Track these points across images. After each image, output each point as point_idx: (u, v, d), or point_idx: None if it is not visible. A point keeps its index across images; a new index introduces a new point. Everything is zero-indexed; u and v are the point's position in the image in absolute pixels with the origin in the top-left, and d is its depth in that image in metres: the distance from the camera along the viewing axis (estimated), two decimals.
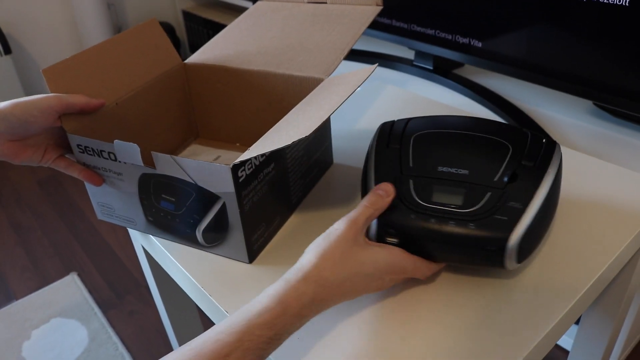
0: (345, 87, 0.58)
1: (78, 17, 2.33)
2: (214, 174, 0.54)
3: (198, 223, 0.60)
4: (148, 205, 0.63)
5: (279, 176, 0.63)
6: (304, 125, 0.52)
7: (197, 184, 0.57)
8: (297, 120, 0.55)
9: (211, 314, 0.60)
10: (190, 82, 0.81)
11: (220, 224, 0.59)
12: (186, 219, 0.61)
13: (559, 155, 0.59)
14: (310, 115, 0.54)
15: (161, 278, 0.86)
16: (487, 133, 0.61)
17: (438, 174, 0.56)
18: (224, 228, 0.59)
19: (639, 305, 1.03)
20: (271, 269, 0.60)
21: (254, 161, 0.57)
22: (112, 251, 1.68)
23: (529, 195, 0.53)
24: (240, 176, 0.55)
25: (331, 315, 0.53)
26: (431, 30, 1.28)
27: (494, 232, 0.51)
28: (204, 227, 0.60)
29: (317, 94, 0.62)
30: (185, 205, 0.60)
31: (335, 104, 0.53)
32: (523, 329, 0.51)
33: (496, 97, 1.26)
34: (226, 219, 0.58)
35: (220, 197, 0.56)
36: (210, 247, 0.62)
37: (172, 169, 0.57)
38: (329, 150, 0.78)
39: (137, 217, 0.65)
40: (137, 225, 0.66)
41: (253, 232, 0.60)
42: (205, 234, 0.61)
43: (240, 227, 0.58)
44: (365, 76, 0.57)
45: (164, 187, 0.60)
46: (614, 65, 0.97)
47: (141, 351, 1.33)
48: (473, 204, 0.53)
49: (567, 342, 1.20)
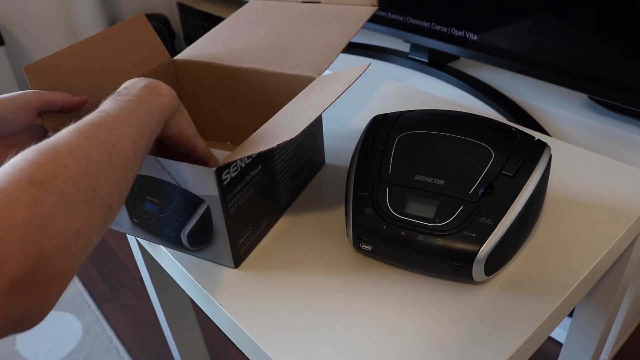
0: (336, 86, 0.57)
1: (72, 8, 2.32)
2: (198, 176, 0.53)
3: (183, 226, 0.59)
4: (132, 206, 0.62)
5: (267, 178, 0.62)
6: (292, 126, 0.51)
7: (181, 186, 0.55)
8: (286, 120, 0.54)
9: (205, 307, 0.60)
10: (179, 80, 0.80)
11: (204, 228, 0.57)
12: (171, 221, 0.60)
13: (547, 158, 0.58)
14: (299, 116, 0.53)
15: (155, 271, 0.86)
16: (474, 134, 0.60)
17: (414, 183, 0.56)
18: (209, 232, 0.57)
19: (632, 297, 1.04)
20: (259, 272, 0.59)
21: (240, 163, 0.55)
22: (107, 245, 1.68)
23: (502, 210, 0.53)
24: (225, 179, 0.53)
25: (327, 312, 0.53)
26: (426, 23, 1.28)
27: (461, 248, 0.51)
28: (189, 230, 0.59)
29: (307, 93, 0.61)
30: (169, 207, 0.58)
31: (324, 103, 0.52)
32: (515, 324, 0.50)
33: (491, 90, 1.26)
34: (210, 223, 0.56)
35: (203, 200, 0.55)
36: (195, 250, 0.61)
37: (155, 171, 0.56)
38: (321, 151, 0.76)
39: (122, 219, 0.64)
40: (123, 227, 0.65)
41: (239, 236, 0.58)
42: (190, 238, 0.59)
43: (224, 231, 0.56)
44: (357, 75, 0.57)
45: (148, 188, 0.58)
46: (609, 58, 0.97)
47: (135, 344, 1.33)
48: (444, 217, 0.53)
49: (560, 334, 1.21)
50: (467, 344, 0.49)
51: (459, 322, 0.51)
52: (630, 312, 1.11)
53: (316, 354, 0.49)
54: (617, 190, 0.68)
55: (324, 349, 0.49)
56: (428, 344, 0.49)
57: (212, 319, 0.60)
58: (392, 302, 0.54)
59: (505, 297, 0.53)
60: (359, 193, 0.57)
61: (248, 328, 0.52)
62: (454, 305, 0.53)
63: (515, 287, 0.55)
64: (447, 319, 0.52)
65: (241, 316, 0.53)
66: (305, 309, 0.54)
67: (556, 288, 0.54)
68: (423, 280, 0.56)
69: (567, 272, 0.56)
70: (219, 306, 0.55)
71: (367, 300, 0.54)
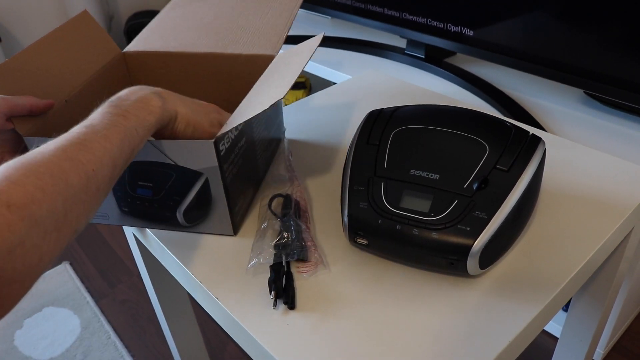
0: (301, 56, 0.60)
1: (69, 5, 2.31)
2: (196, 151, 0.56)
3: (179, 204, 0.61)
4: (122, 196, 0.62)
5: (249, 149, 0.65)
6: (275, 90, 0.53)
7: (178, 164, 0.57)
8: (265, 89, 0.57)
9: (203, 302, 0.60)
10: (131, 71, 0.81)
11: (202, 201, 0.60)
12: (166, 202, 0.61)
13: (541, 152, 0.58)
14: (278, 84, 0.55)
15: (153, 267, 0.86)
16: (469, 128, 0.60)
17: (410, 177, 0.57)
18: (207, 204, 0.60)
19: (627, 292, 1.05)
20: (256, 267, 0.59)
21: (230, 135, 0.58)
22: (104, 240, 1.68)
23: (497, 204, 0.53)
24: (222, 150, 0.56)
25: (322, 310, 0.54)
26: (423, 19, 1.28)
27: (455, 242, 0.52)
28: (186, 206, 0.61)
29: (274, 66, 0.64)
30: (164, 188, 0.60)
31: (298, 68, 0.55)
32: (509, 317, 0.51)
33: (488, 86, 1.27)
34: (209, 195, 0.59)
35: (202, 173, 0.58)
36: (191, 226, 0.63)
37: (149, 154, 0.57)
38: (281, 124, 0.81)
39: (109, 210, 0.65)
40: (110, 219, 0.66)
41: (235, 203, 0.62)
42: (186, 214, 0.62)
43: (224, 200, 0.59)
44: (315, 45, 0.60)
45: (139, 174, 0.60)
46: (604, 54, 0.97)
47: (133, 340, 1.33)
48: (439, 211, 0.53)
49: (556, 329, 1.22)
50: (461, 336, 0.49)
51: (454, 315, 0.52)
52: (625, 307, 1.11)
53: (312, 346, 0.49)
54: (611, 184, 0.68)
55: (319, 342, 0.50)
56: (423, 337, 0.50)
57: (209, 313, 0.60)
58: (387, 296, 0.54)
59: (500, 290, 0.54)
60: (354, 187, 0.58)
61: (244, 321, 0.52)
62: (449, 299, 0.54)
63: (510, 280, 0.55)
64: (442, 312, 0.52)
65: (238, 310, 0.54)
66: (301, 302, 0.54)
67: (550, 281, 0.55)
68: (418, 274, 0.57)
69: (561, 266, 0.56)
70: (215, 300, 0.55)
71: (363, 294, 0.55)
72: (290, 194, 0.67)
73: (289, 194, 0.67)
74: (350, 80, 1.01)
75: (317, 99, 0.95)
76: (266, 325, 0.52)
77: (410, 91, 0.95)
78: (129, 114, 0.49)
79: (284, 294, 0.54)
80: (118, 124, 0.47)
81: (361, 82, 1.00)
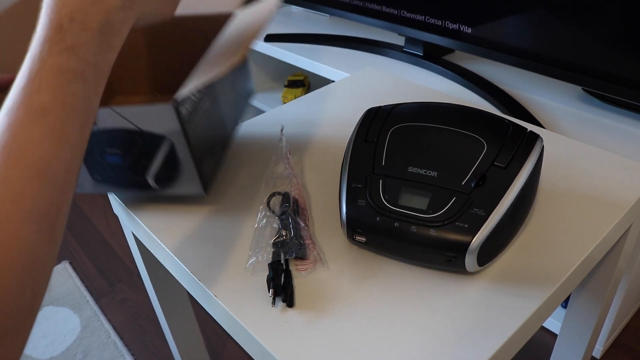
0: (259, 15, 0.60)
1: None
2: (157, 115, 0.56)
3: (148, 169, 0.62)
4: (93, 164, 0.63)
5: (214, 110, 0.67)
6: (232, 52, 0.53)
7: (142, 129, 0.58)
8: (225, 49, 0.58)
9: (201, 300, 0.60)
10: None
11: (170, 164, 0.62)
12: (136, 167, 0.62)
13: (539, 149, 0.58)
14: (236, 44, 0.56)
15: (152, 265, 0.86)
16: (467, 126, 0.60)
17: (407, 174, 0.57)
18: (175, 166, 0.62)
19: (626, 289, 1.05)
20: (254, 265, 0.59)
21: (192, 97, 0.60)
22: (104, 239, 1.68)
23: (495, 201, 0.53)
24: (184, 113, 0.58)
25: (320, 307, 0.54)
26: (421, 16, 1.28)
27: (453, 239, 0.52)
28: (155, 170, 0.62)
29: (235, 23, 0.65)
30: (133, 154, 0.61)
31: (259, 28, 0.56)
32: (508, 314, 0.51)
33: (486, 83, 1.27)
34: (177, 157, 0.61)
35: (166, 137, 0.59)
36: (163, 189, 0.65)
37: (113, 121, 0.58)
38: (250, 78, 0.83)
39: (83, 180, 0.66)
40: (85, 188, 0.67)
41: (202, 163, 0.63)
42: (157, 177, 0.63)
43: (191, 162, 0.61)
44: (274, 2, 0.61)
45: (107, 141, 0.61)
46: (603, 51, 0.97)
47: (133, 338, 1.33)
48: (437, 208, 0.53)
49: (555, 325, 1.22)
50: (460, 333, 0.50)
51: (453, 312, 0.52)
52: (624, 304, 1.11)
53: (311, 344, 0.49)
54: (609, 181, 0.68)
55: (318, 340, 0.50)
56: (422, 334, 0.50)
57: (208, 311, 0.60)
58: (386, 293, 0.54)
59: (498, 287, 0.54)
60: (352, 185, 0.58)
61: (243, 319, 0.52)
62: (447, 296, 0.54)
63: (508, 277, 0.55)
64: (440, 309, 0.52)
65: (236, 307, 0.54)
66: (299, 300, 0.54)
67: (549, 278, 0.55)
68: (417, 271, 0.57)
69: (559, 262, 0.56)
70: (214, 297, 0.55)
71: (361, 291, 0.55)
72: (288, 191, 0.67)
73: (288, 192, 0.67)
74: (349, 78, 1.01)
75: (315, 96, 0.95)
76: (265, 323, 0.52)
77: (408, 89, 0.95)
78: None
79: (282, 292, 0.54)
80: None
81: (359, 79, 1.00)
